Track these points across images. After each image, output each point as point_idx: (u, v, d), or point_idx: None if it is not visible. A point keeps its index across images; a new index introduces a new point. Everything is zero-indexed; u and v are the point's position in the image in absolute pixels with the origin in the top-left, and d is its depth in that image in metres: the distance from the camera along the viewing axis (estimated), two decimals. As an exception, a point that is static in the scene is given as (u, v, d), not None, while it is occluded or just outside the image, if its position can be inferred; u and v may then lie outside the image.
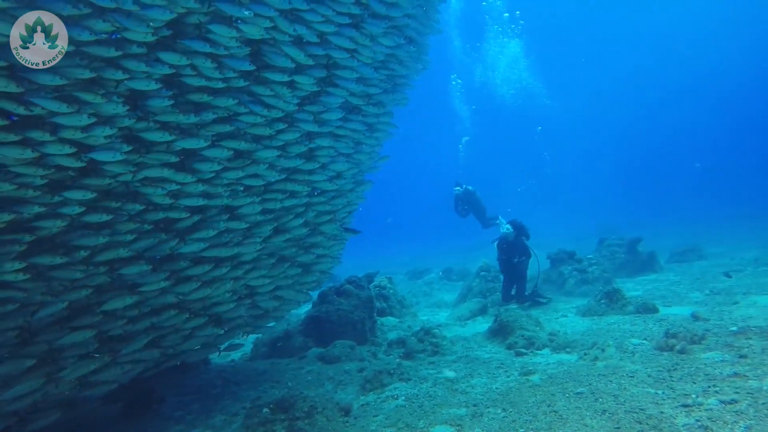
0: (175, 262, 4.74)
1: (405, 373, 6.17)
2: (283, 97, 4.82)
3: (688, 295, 9.40)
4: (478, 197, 15.62)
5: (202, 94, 4.38)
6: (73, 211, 3.90)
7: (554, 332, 7.47)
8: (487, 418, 4.53)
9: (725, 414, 3.95)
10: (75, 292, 4.10)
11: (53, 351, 4.07)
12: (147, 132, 4.15)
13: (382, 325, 9.04)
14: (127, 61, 3.85)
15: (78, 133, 3.73)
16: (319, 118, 5.28)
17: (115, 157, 3.95)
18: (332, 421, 4.66)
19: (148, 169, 4.25)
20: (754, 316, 7.06)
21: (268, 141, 4.96)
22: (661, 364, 5.41)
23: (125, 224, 4.27)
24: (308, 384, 6.26)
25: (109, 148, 3.93)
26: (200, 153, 4.53)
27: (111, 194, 4.20)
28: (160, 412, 5.50)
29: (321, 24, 4.72)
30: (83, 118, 3.70)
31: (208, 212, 4.86)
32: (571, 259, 12.14)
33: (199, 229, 4.78)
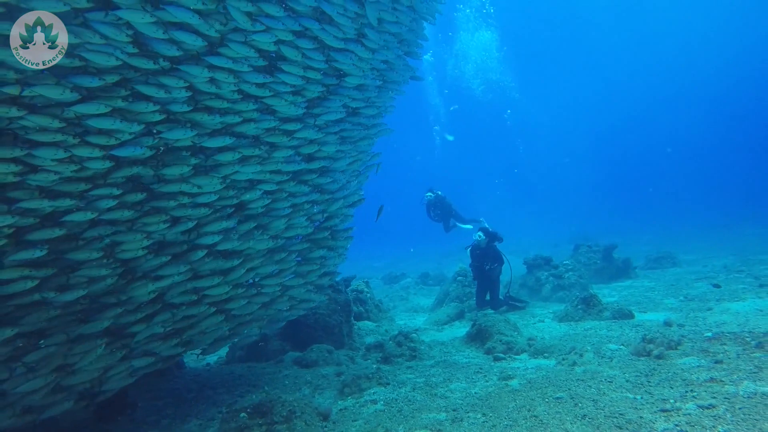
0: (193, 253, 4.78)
1: (383, 377, 6.10)
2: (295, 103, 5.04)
3: (663, 301, 9.51)
4: (449, 202, 15.72)
5: (222, 101, 4.50)
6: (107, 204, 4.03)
7: (532, 337, 7.49)
8: (467, 423, 4.49)
9: (703, 419, 3.97)
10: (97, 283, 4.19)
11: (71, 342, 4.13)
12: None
13: (359, 329, 8.96)
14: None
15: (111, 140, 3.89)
16: (322, 121, 5.45)
17: (136, 152, 4.03)
18: (311, 426, 4.57)
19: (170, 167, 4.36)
20: (727, 322, 7.16)
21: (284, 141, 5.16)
22: (639, 369, 5.44)
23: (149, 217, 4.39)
24: (285, 388, 6.15)
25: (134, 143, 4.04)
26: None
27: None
28: (134, 417, 5.34)
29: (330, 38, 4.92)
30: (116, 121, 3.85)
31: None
32: (548, 265, 12.22)
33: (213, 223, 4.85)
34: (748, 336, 6.10)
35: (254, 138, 4.96)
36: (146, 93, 3.96)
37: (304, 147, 5.44)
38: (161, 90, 4.01)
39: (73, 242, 4.06)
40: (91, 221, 4.08)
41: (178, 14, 3.84)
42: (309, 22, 4.65)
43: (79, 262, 4.07)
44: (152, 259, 4.52)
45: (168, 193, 4.43)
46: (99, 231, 4.12)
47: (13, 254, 3.68)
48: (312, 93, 5.16)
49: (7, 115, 3.39)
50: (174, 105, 4.18)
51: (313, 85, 5.12)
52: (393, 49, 5.72)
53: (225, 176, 4.72)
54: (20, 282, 3.73)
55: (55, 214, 3.89)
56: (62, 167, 3.73)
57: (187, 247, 4.77)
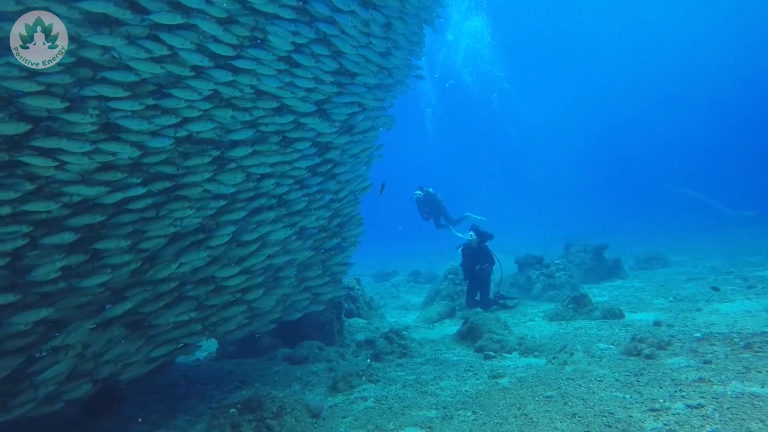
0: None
1: (374, 374, 6.09)
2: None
3: (653, 302, 9.56)
4: (440, 199, 15.69)
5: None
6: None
7: (523, 336, 7.51)
8: (458, 421, 4.49)
9: (692, 418, 3.99)
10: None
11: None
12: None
13: (350, 326, 8.94)
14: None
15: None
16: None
17: (164, 142, 4.34)
18: (301, 422, 4.55)
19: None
20: (716, 323, 7.21)
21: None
22: (629, 368, 5.47)
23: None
24: (275, 385, 6.13)
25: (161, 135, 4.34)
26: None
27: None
28: (122, 412, 5.30)
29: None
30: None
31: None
32: (539, 264, 12.25)
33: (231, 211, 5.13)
34: (737, 337, 6.15)
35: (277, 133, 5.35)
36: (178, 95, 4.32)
37: (323, 136, 5.84)
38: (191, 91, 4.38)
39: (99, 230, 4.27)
40: (117, 210, 4.33)
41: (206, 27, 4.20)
42: (327, 28, 5.05)
43: (104, 250, 4.26)
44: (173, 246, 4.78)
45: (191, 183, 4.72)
46: (126, 218, 4.35)
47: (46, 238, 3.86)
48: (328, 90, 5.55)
49: (50, 106, 3.64)
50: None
51: (326, 86, 5.50)
52: (399, 51, 6.08)
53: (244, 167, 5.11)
54: (48, 266, 3.87)
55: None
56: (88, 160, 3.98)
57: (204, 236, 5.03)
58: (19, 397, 3.97)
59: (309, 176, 5.95)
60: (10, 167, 3.67)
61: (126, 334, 4.61)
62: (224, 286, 5.29)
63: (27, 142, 3.66)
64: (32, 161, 3.67)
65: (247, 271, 5.46)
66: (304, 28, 4.84)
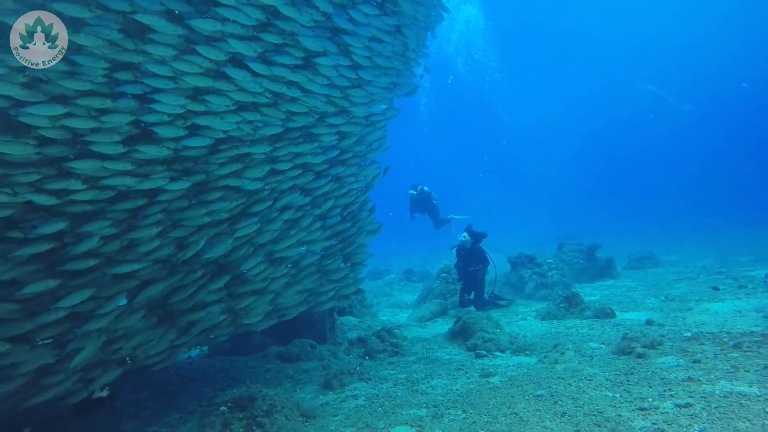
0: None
1: (365, 372, 6.10)
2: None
3: (644, 301, 9.60)
4: (434, 198, 15.68)
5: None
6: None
7: (514, 335, 7.53)
8: (448, 419, 4.50)
9: (680, 417, 4.01)
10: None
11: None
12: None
13: (342, 324, 8.94)
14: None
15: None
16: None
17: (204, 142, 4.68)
18: (291, 421, 4.55)
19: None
20: (706, 323, 7.25)
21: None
22: (619, 368, 5.49)
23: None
24: (267, 382, 6.13)
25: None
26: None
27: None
28: (114, 409, 5.28)
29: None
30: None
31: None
32: (531, 263, 12.29)
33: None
34: (726, 336, 6.18)
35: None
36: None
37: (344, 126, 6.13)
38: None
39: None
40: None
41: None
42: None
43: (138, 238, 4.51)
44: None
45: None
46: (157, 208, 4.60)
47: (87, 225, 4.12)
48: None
49: (102, 106, 3.96)
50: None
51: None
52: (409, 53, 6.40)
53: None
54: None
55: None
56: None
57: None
58: (50, 379, 4.13)
59: (328, 166, 6.23)
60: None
61: (154, 322, 4.83)
62: (248, 276, 5.53)
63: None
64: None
65: (272, 260, 5.75)
66: (328, 43, 5.14)
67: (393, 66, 6.09)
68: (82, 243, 4.11)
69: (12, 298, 3.85)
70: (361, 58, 5.56)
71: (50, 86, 3.71)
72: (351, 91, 5.77)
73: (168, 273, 4.83)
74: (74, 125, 3.88)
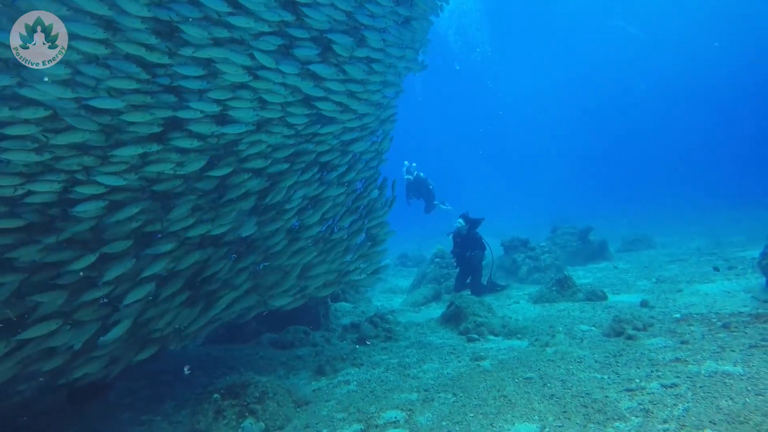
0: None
1: (358, 358, 6.16)
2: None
3: (636, 283, 9.68)
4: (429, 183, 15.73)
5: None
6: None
7: (506, 318, 7.60)
8: (438, 403, 4.56)
9: (666, 397, 4.07)
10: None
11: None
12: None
13: (335, 310, 8.99)
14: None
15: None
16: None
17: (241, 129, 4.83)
18: (283, 407, 4.61)
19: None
20: (696, 304, 7.33)
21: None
22: (608, 349, 5.55)
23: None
24: (261, 369, 6.17)
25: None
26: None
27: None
28: (108, 399, 5.33)
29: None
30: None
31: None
32: (524, 247, 12.35)
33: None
34: (715, 317, 6.26)
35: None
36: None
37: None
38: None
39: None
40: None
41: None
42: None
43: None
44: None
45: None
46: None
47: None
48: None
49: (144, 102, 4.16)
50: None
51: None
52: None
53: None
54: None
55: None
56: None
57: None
58: (83, 358, 4.35)
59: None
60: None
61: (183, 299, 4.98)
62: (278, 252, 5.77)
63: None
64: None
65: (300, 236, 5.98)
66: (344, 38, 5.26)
67: (405, 54, 6.25)
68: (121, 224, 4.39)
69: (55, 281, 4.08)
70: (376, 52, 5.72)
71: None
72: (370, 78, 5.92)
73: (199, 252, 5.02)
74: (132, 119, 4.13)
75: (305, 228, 6.01)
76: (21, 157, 3.69)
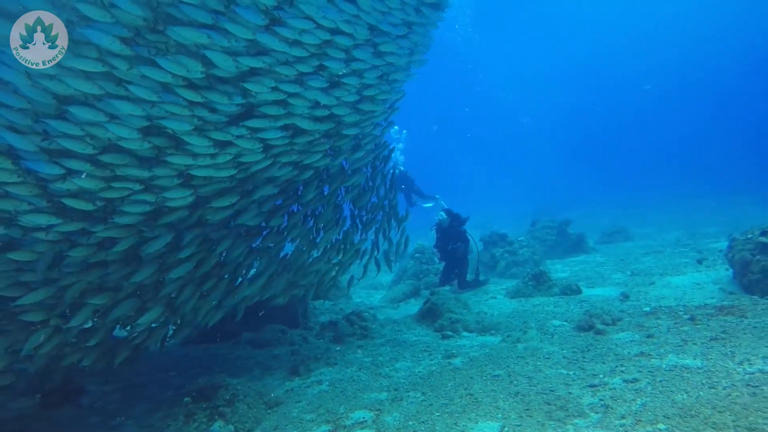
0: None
1: (332, 357, 6.22)
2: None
3: (611, 276, 9.83)
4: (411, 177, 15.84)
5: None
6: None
7: (482, 314, 7.67)
8: (406, 402, 4.63)
9: (626, 392, 4.17)
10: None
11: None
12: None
13: (314, 308, 9.03)
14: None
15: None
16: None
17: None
18: (253, 409, 4.66)
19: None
20: (666, 296, 7.47)
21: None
22: (577, 345, 5.65)
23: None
24: (237, 370, 6.21)
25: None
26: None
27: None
28: (80, 404, 5.34)
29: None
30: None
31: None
32: (503, 242, 12.47)
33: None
34: (682, 310, 6.39)
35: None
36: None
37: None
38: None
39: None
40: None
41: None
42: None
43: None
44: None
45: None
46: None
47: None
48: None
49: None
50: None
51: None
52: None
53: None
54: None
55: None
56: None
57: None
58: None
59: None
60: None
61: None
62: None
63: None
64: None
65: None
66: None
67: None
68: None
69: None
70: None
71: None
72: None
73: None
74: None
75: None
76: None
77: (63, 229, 4.14)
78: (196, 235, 5.03)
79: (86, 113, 3.81)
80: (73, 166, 3.92)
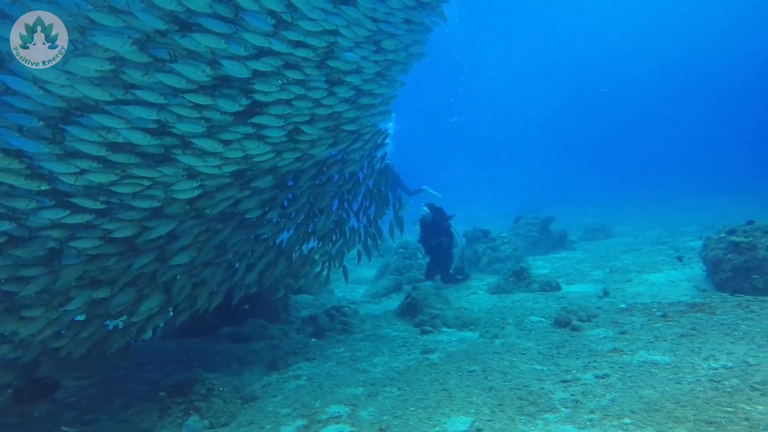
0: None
1: (311, 352, 6.25)
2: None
3: (591, 273, 9.95)
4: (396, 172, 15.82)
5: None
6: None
7: (461, 310, 7.74)
8: (382, 397, 4.67)
9: (596, 388, 4.26)
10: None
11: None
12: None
13: (296, 303, 9.05)
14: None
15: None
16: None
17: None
18: (229, 404, 4.67)
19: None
20: (642, 293, 7.60)
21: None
22: (553, 341, 5.74)
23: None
24: (216, 364, 6.20)
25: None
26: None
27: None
28: (55, 399, 5.32)
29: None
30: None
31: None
32: (486, 238, 12.55)
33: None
34: (656, 307, 6.51)
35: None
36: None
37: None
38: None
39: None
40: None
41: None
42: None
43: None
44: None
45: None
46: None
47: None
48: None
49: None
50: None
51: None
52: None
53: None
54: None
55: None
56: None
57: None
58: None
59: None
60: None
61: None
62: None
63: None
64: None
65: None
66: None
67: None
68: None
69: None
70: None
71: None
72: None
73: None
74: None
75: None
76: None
77: (70, 221, 4.18)
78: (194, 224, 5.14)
79: (103, 120, 3.87)
80: (82, 165, 3.97)
